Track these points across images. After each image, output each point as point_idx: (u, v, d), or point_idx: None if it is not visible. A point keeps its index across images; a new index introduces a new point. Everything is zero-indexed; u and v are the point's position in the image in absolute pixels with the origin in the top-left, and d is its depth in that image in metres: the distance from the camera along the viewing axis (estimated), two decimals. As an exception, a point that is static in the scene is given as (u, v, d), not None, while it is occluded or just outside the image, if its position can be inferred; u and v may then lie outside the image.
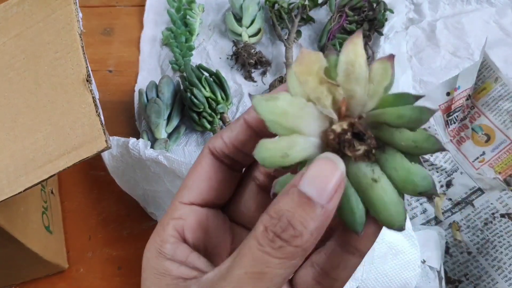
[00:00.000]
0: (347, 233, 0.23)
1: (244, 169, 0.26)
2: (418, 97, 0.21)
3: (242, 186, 0.26)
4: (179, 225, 0.24)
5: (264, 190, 0.26)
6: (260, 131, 0.23)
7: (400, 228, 0.21)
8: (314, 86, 0.22)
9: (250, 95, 0.22)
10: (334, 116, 0.22)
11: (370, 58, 0.71)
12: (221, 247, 0.26)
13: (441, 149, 0.21)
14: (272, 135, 0.21)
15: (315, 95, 0.22)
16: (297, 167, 0.22)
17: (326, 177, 0.19)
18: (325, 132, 0.22)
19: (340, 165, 0.20)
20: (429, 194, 0.20)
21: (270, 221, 0.20)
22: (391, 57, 0.21)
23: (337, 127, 0.21)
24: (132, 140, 0.56)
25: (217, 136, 0.24)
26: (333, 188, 0.19)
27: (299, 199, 0.19)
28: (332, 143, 0.21)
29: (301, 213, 0.19)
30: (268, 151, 0.21)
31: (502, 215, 0.58)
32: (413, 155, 0.21)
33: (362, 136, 0.21)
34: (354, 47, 0.22)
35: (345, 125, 0.21)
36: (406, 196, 0.63)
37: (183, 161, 0.53)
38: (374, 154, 0.21)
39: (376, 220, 0.22)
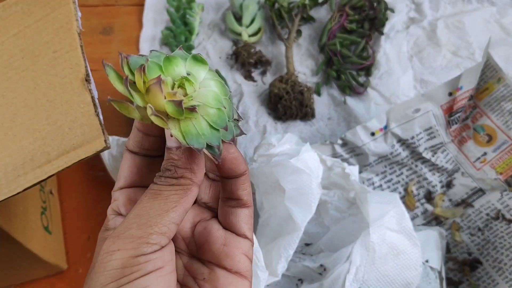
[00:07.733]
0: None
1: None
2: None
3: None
4: (115, 205, 0.32)
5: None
6: (147, 131, 0.32)
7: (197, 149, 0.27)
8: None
9: (103, 64, 0.30)
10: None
11: (371, 58, 0.71)
12: None
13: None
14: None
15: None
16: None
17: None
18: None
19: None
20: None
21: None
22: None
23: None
24: (133, 139, 0.56)
25: (129, 139, 0.33)
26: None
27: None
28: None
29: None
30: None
31: (502, 217, 0.58)
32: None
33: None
34: None
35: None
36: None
37: None
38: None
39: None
